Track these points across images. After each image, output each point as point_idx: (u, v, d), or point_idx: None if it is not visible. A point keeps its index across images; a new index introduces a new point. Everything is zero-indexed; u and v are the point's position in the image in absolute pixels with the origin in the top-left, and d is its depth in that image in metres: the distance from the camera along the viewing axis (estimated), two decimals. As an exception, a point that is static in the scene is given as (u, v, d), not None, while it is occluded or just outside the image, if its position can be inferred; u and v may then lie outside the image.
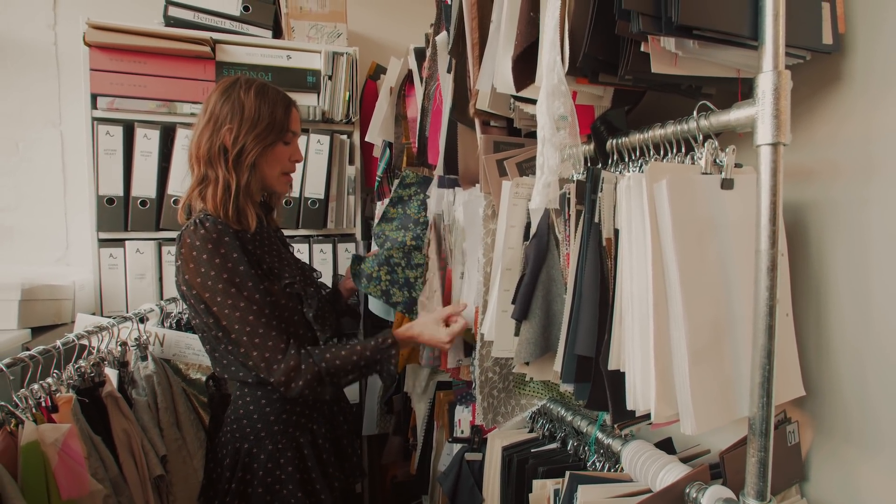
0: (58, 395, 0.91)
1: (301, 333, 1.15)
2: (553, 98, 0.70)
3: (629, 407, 0.67)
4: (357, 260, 1.43)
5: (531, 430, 1.13)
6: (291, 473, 1.13)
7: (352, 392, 1.87)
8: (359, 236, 1.91)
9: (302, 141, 1.77)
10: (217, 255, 1.03)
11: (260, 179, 1.17)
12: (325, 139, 1.80)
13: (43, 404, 0.88)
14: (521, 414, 1.04)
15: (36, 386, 0.88)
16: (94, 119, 1.61)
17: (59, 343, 0.96)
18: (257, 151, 1.12)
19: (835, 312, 0.74)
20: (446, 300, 1.25)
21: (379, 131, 1.66)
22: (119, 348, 1.17)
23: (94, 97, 1.61)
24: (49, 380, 0.91)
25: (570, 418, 1.00)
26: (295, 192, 1.78)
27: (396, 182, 1.54)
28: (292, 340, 1.08)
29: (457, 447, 1.23)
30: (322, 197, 1.82)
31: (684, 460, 0.85)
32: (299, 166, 1.75)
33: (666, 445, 0.92)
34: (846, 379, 0.73)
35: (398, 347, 1.16)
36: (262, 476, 1.11)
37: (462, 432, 1.35)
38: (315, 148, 1.79)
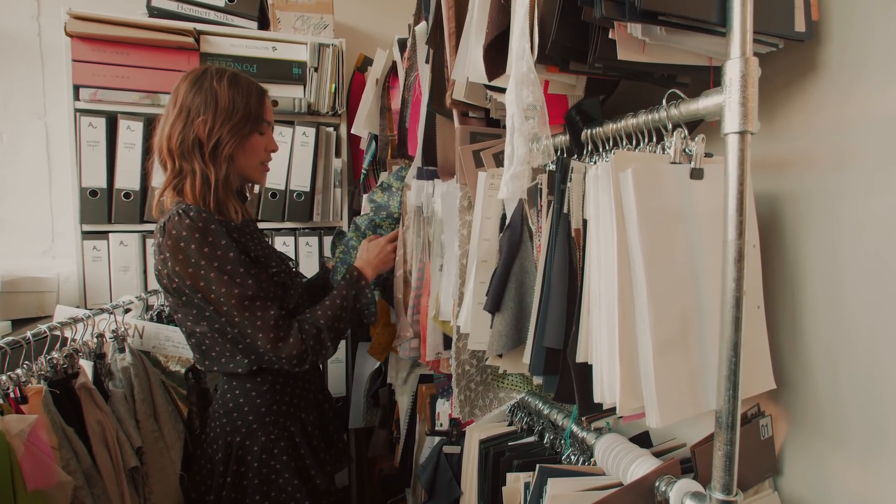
0: (28, 386, 0.91)
1: None
2: (522, 87, 0.69)
3: (596, 399, 0.67)
4: (340, 235, 1.44)
5: (510, 423, 1.12)
6: (286, 462, 1.14)
7: (338, 385, 1.87)
8: (345, 229, 1.90)
9: (287, 133, 1.76)
10: (205, 244, 1.02)
11: (238, 171, 1.16)
12: (311, 131, 1.78)
13: (11, 395, 0.87)
14: (500, 407, 1.03)
15: (3, 377, 0.87)
16: (76, 110, 1.60)
17: (28, 334, 0.95)
18: (234, 143, 1.10)
19: (808, 305, 0.73)
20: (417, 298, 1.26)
21: (364, 123, 1.65)
22: (95, 340, 1.16)
23: (76, 88, 1.59)
24: (18, 371, 0.91)
25: (546, 412, 1.00)
26: (280, 185, 1.77)
27: (396, 169, 1.50)
28: (287, 318, 1.09)
29: (437, 440, 1.23)
30: (308, 189, 1.80)
31: (659, 454, 0.84)
32: (284, 157, 1.75)
33: (642, 439, 0.92)
34: (818, 371, 0.72)
35: (364, 278, 1.26)
36: (257, 467, 1.12)
37: (442, 425, 1.34)
38: (301, 140, 1.77)
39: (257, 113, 1.14)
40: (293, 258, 1.41)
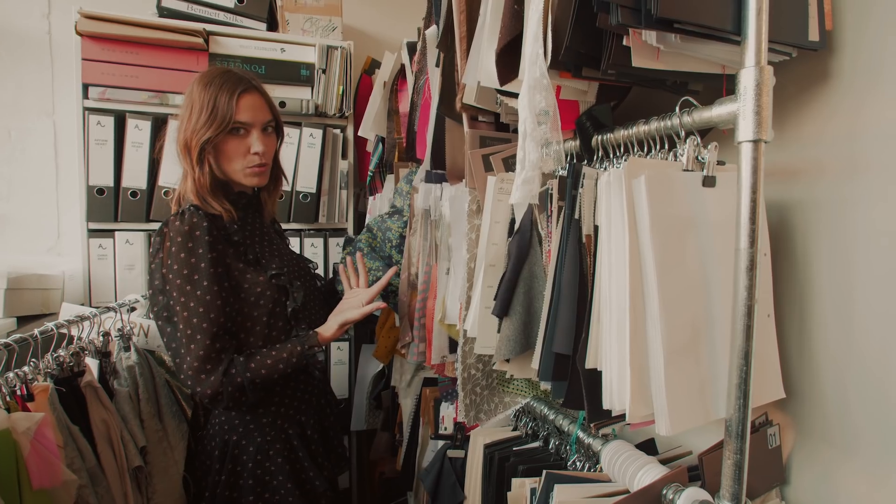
0: (34, 383, 0.91)
1: (280, 326, 1.14)
2: (535, 92, 0.70)
3: (605, 406, 0.66)
4: (349, 242, 1.43)
5: (515, 428, 1.12)
6: (281, 465, 1.13)
7: (341, 387, 1.87)
8: (350, 231, 1.90)
9: (294, 134, 1.76)
10: (184, 249, 1.03)
11: (222, 173, 1.14)
12: (318, 133, 1.79)
13: (18, 393, 0.87)
14: (505, 412, 1.03)
15: (11, 374, 0.87)
16: (85, 109, 1.61)
17: (36, 332, 0.95)
18: (200, 142, 1.07)
19: (817, 314, 0.73)
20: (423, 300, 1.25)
21: (372, 126, 1.66)
22: (101, 338, 1.16)
23: (85, 87, 1.60)
24: (25, 368, 0.91)
25: (552, 417, 0.99)
26: (287, 186, 1.77)
27: (407, 173, 1.49)
28: (224, 353, 1.05)
29: (441, 444, 1.23)
30: (314, 191, 1.81)
31: (665, 461, 0.84)
32: (290, 158, 1.75)
33: (648, 446, 0.91)
34: (826, 381, 0.72)
35: (322, 348, 1.17)
36: (252, 468, 1.11)
37: (446, 429, 1.34)
38: (307, 141, 1.78)
39: (226, 112, 1.08)
40: (313, 261, 1.39)
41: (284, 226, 1.81)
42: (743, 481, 0.60)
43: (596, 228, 0.70)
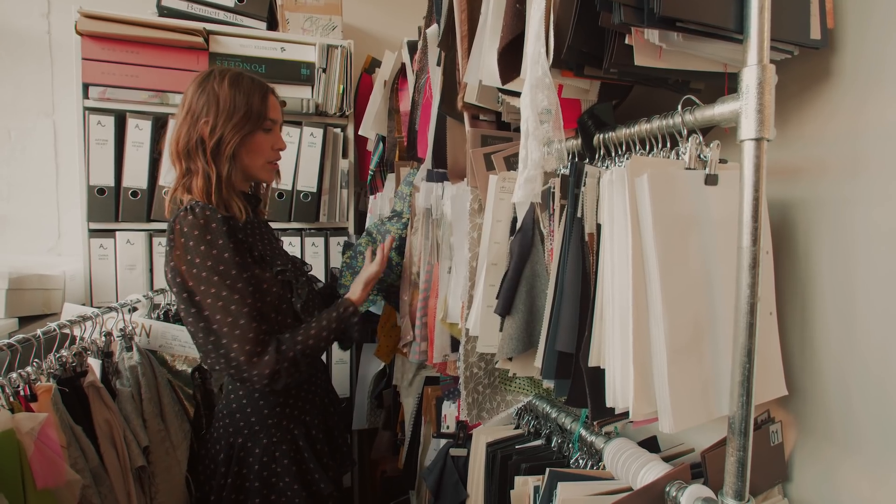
0: (37, 384, 0.91)
1: (288, 323, 1.14)
2: (537, 91, 0.70)
3: (608, 404, 0.67)
4: (348, 246, 1.44)
5: (517, 427, 1.12)
6: (287, 466, 1.13)
7: (342, 386, 1.87)
8: (351, 230, 1.90)
9: (295, 133, 1.76)
10: (203, 242, 1.02)
11: (242, 169, 1.15)
12: (319, 132, 1.79)
13: (21, 393, 0.87)
14: (507, 410, 1.03)
15: (14, 375, 0.87)
16: (85, 109, 1.60)
17: (39, 332, 0.95)
18: (235, 141, 1.10)
19: (819, 312, 0.73)
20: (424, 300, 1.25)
21: (372, 125, 1.66)
22: (103, 338, 1.16)
23: (85, 86, 1.60)
24: (28, 369, 0.91)
25: (554, 415, 1.00)
26: (287, 185, 1.77)
27: (406, 174, 1.50)
28: (268, 334, 1.05)
29: (443, 442, 1.23)
30: (315, 190, 1.81)
31: (668, 459, 0.84)
32: (291, 158, 1.75)
33: (650, 444, 0.92)
34: (828, 379, 0.72)
35: (359, 312, 1.22)
36: (258, 470, 1.11)
37: (448, 427, 1.34)
38: (308, 141, 1.78)
39: (259, 111, 1.13)
40: (308, 263, 1.39)
41: (285, 225, 1.81)
42: (746, 478, 0.60)
43: (598, 227, 0.70)
